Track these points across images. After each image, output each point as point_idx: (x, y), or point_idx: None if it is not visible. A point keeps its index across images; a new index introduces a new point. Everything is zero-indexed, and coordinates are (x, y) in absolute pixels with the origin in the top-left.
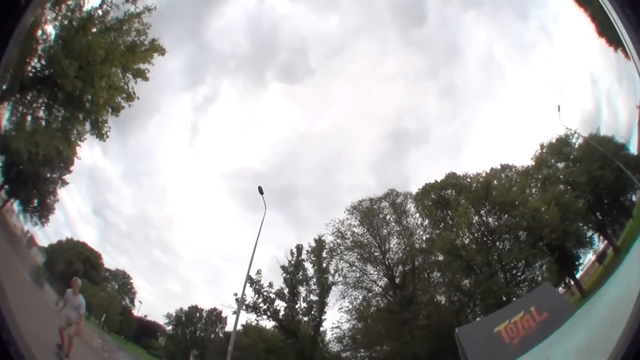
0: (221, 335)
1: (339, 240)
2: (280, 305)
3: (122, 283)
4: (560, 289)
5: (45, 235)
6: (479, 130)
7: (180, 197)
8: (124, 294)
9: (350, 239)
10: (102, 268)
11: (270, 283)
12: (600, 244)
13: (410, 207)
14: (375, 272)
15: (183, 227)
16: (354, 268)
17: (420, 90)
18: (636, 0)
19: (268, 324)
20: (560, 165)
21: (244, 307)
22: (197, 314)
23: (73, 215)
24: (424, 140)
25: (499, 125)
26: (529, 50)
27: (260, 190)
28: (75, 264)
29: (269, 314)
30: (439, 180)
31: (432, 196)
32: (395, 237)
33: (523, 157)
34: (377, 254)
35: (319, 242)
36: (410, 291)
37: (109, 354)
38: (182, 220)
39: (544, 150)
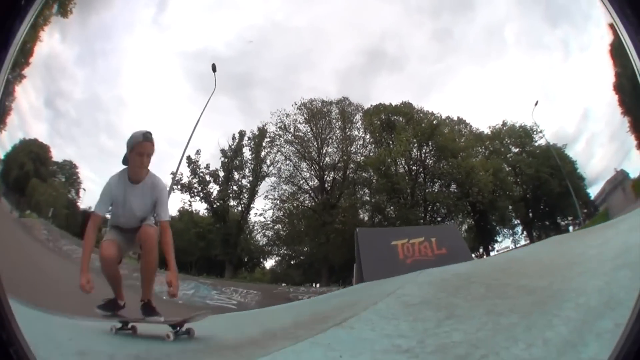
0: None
1: (280, 132)
2: (213, 188)
3: (69, 174)
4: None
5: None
6: (455, 83)
7: (134, 77)
8: (70, 186)
9: (292, 133)
10: (50, 162)
11: (207, 165)
12: (521, 238)
13: (358, 119)
14: (308, 172)
15: (132, 109)
16: (289, 162)
17: (416, 22)
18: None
19: (201, 207)
20: (514, 149)
21: (179, 187)
22: None
23: (26, 113)
24: (398, 69)
25: (474, 87)
26: (539, 48)
27: (214, 68)
28: (27, 164)
29: (202, 195)
30: (393, 105)
31: (382, 116)
32: (335, 143)
33: (483, 124)
34: (314, 154)
35: (262, 131)
36: (336, 196)
37: (53, 244)
38: (132, 102)
39: (504, 128)
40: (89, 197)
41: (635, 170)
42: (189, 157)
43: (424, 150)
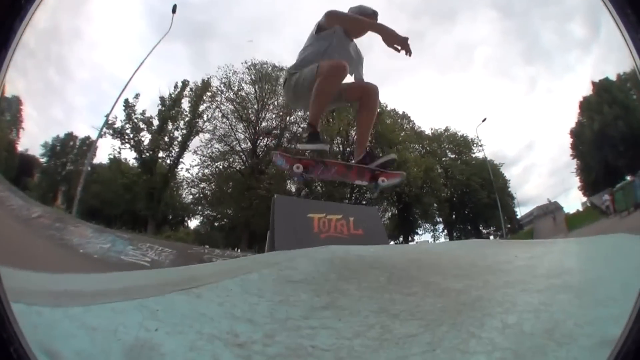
0: (89, 168)
1: (224, 89)
2: (145, 136)
3: (14, 113)
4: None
5: None
6: (410, 81)
7: (96, 9)
8: (12, 126)
9: (235, 92)
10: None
11: (143, 111)
12: (442, 235)
13: None
14: (243, 133)
15: (86, 43)
16: (226, 121)
17: (393, 17)
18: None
19: (130, 156)
20: (450, 155)
21: (110, 131)
22: (71, 143)
23: None
24: (367, 48)
25: (428, 91)
26: (505, 76)
27: (174, 9)
28: None
29: (132, 142)
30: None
31: None
32: (276, 110)
33: (426, 125)
34: (253, 117)
35: (205, 84)
36: (265, 163)
37: None
38: (88, 35)
39: (446, 133)
40: (27, 139)
41: (571, 208)
42: (126, 101)
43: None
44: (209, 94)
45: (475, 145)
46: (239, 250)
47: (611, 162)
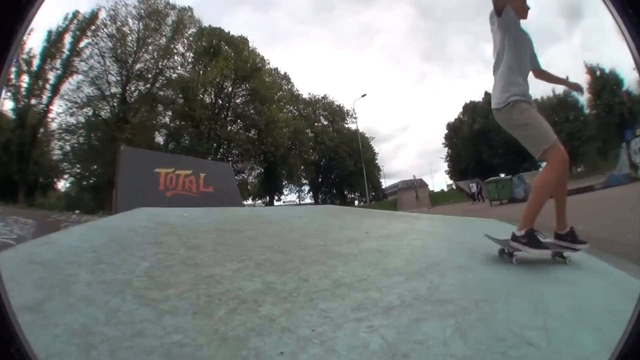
0: None
1: (108, 22)
2: (24, 80)
3: None
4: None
5: None
6: (306, 47)
7: None
8: None
9: (118, 27)
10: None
11: (30, 49)
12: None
13: (189, 34)
14: (116, 76)
15: None
16: (102, 61)
17: None
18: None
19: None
20: (324, 121)
21: None
22: None
23: None
24: (265, 11)
25: (319, 59)
26: (398, 64)
27: None
28: None
29: (12, 89)
30: (231, 34)
31: (213, 41)
32: (155, 51)
33: (305, 89)
34: (130, 57)
35: (93, 16)
36: (133, 111)
37: None
38: None
39: (323, 100)
40: None
41: (436, 187)
42: None
43: (238, 89)
44: (93, 27)
45: (349, 116)
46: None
47: (485, 158)
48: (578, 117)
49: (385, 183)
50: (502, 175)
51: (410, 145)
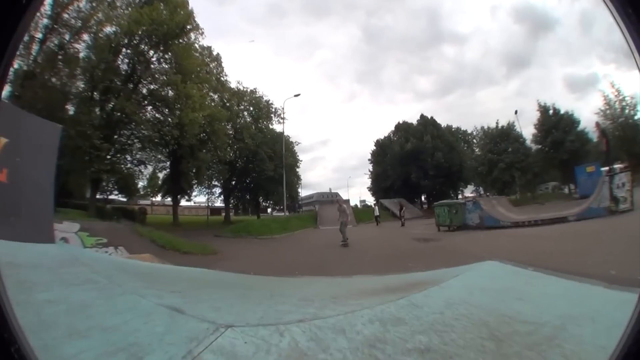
0: None
1: None
2: None
3: None
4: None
5: None
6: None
7: None
8: None
9: None
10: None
11: None
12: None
13: None
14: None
15: None
16: None
17: None
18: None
19: None
20: (247, 117)
21: None
22: None
23: None
24: None
25: (263, 56)
26: (332, 81)
27: None
28: None
29: None
30: None
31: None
32: None
33: (234, 78)
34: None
35: None
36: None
37: None
38: None
39: (252, 94)
40: None
41: (351, 202)
42: None
43: (158, 51)
44: None
45: (277, 116)
46: None
47: (414, 179)
48: (518, 150)
49: (301, 194)
50: (451, 199)
51: (329, 159)
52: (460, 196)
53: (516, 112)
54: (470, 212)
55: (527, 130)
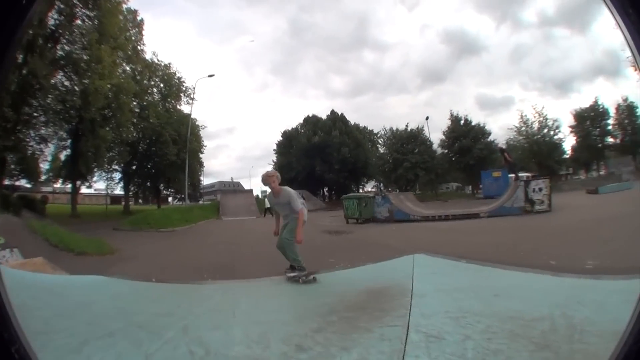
0: None
1: None
2: None
3: None
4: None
5: None
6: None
7: None
8: None
9: None
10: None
11: None
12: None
13: None
14: None
15: None
16: None
17: None
18: None
19: None
20: (156, 94)
21: None
22: None
23: None
24: None
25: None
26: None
27: None
28: None
29: None
30: None
31: None
32: None
33: (150, 49)
34: None
35: None
36: None
37: None
38: None
39: (166, 70)
40: None
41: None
42: None
43: (87, 7)
44: None
45: (186, 95)
46: None
47: (318, 172)
48: (425, 152)
49: (203, 182)
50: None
51: (233, 147)
52: (361, 190)
53: (427, 118)
54: (380, 206)
55: (435, 135)
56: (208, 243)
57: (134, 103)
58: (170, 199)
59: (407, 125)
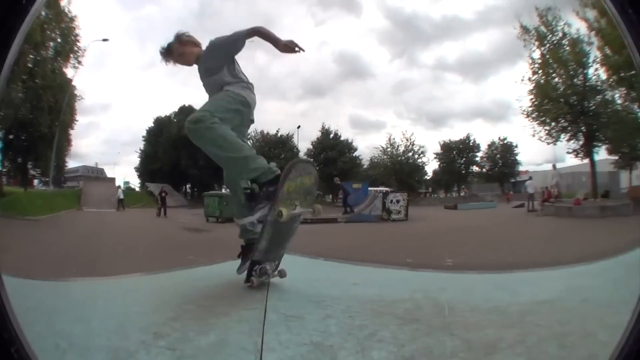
0: None
1: None
2: None
3: None
4: None
5: None
6: None
7: None
8: None
9: None
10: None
11: None
12: None
13: None
14: None
15: None
16: None
17: None
18: None
19: None
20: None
21: None
22: None
23: None
24: None
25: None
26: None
27: None
28: None
29: None
30: None
31: None
32: None
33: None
34: None
35: None
36: None
37: None
38: None
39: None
40: None
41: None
42: None
43: None
44: None
45: (76, 57)
46: None
47: (182, 166)
48: (290, 158)
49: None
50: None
51: (103, 128)
52: (224, 190)
53: (299, 127)
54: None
55: (303, 144)
56: (77, 235)
57: (30, 57)
58: (36, 181)
59: (277, 131)
